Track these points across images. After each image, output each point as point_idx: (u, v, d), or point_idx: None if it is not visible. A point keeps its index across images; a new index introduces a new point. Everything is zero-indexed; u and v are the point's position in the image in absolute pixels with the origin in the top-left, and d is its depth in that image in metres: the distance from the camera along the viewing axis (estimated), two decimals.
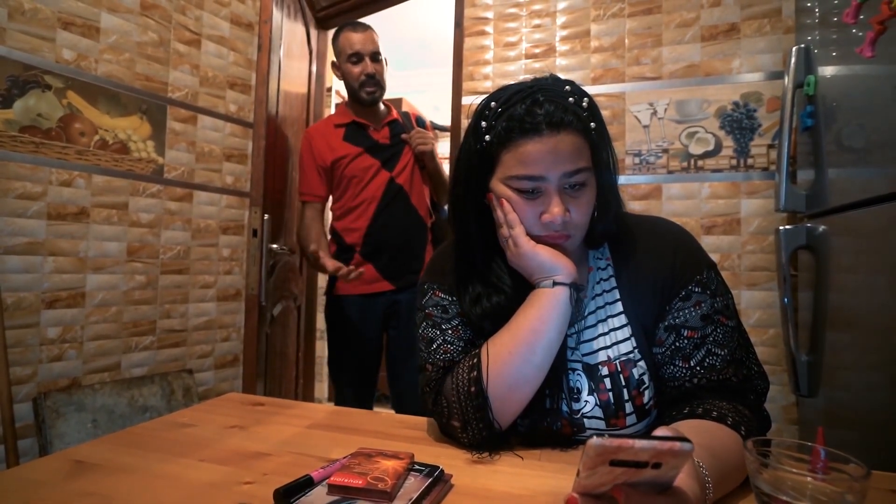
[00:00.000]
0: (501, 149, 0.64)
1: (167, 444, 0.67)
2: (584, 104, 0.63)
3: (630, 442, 0.35)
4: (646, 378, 0.67)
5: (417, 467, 0.55)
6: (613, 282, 0.71)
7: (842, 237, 1.10)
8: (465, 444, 0.67)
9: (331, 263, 1.49)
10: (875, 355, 0.96)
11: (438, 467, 0.55)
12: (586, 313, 0.71)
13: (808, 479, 0.40)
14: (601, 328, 0.70)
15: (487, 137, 0.65)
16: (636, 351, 0.67)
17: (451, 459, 0.62)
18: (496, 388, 0.64)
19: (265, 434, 0.72)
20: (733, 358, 0.64)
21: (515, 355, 0.64)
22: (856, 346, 1.04)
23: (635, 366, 0.67)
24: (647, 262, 0.69)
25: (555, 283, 0.65)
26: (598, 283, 0.72)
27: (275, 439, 0.70)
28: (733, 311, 0.67)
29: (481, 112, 0.66)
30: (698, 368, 0.63)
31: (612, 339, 0.69)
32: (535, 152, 0.61)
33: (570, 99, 0.62)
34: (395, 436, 0.72)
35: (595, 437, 0.35)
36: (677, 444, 0.35)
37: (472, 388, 0.65)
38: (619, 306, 0.70)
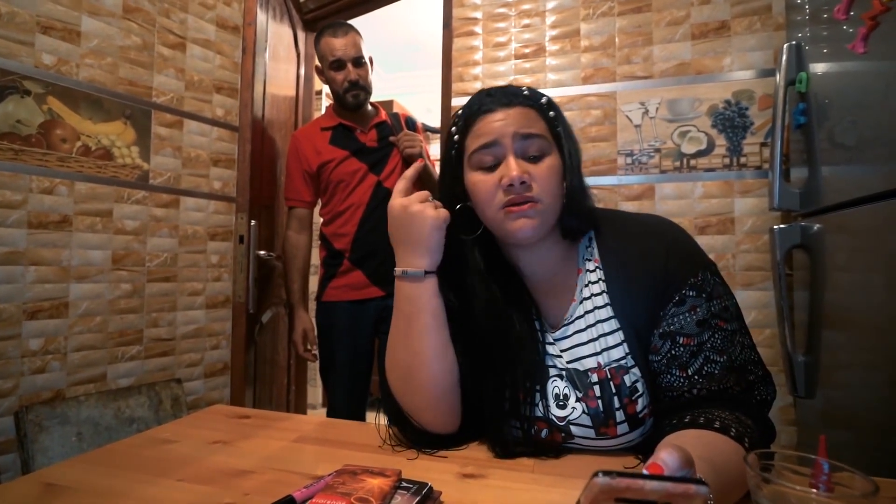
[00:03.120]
0: (464, 138, 0.70)
1: (145, 462, 0.64)
2: (542, 100, 0.70)
3: (640, 483, 0.32)
4: (639, 385, 0.64)
5: (405, 485, 0.53)
6: (603, 285, 0.68)
7: (837, 235, 1.09)
8: (414, 442, 0.70)
9: (301, 351, 1.72)
10: (872, 355, 0.95)
11: (427, 484, 0.53)
12: (573, 317, 0.69)
13: (813, 494, 0.38)
14: (590, 333, 0.67)
15: (456, 137, 0.71)
16: (629, 357, 0.65)
17: (440, 474, 0.60)
18: (391, 380, 0.72)
19: (249, 449, 0.69)
20: (733, 365, 0.61)
21: (393, 347, 0.71)
22: (853, 346, 1.03)
23: (627, 373, 0.64)
24: (639, 263, 0.66)
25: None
26: (586, 285, 0.70)
27: (259, 455, 0.67)
28: (733, 314, 0.64)
29: (452, 122, 0.73)
30: (696, 377, 0.61)
31: (602, 344, 0.66)
32: (488, 123, 0.67)
33: (525, 92, 0.70)
34: (383, 449, 0.70)
35: (601, 474, 0.33)
36: (692, 488, 0.32)
37: (385, 382, 0.72)
38: (609, 311, 0.67)
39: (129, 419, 1.58)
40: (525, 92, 0.70)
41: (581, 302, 0.69)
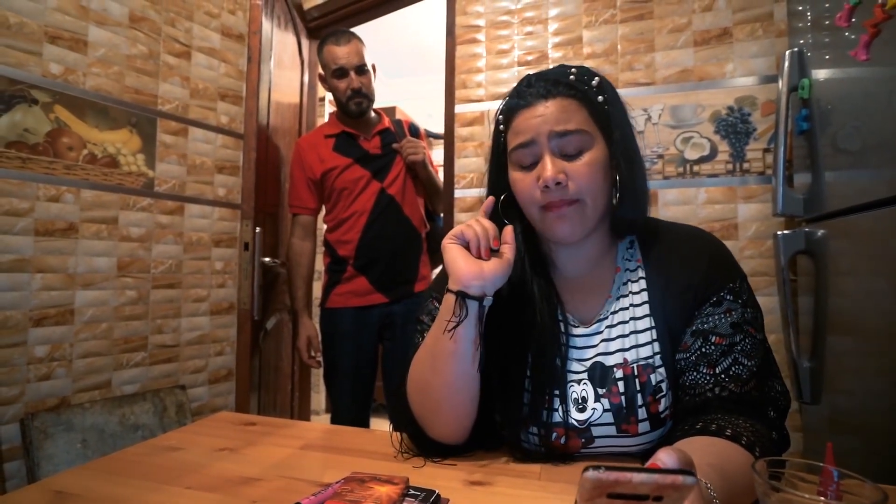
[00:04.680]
0: (507, 132, 0.69)
1: (153, 470, 0.65)
2: (592, 82, 0.66)
3: (628, 475, 0.32)
4: (664, 386, 0.64)
5: (412, 492, 0.53)
6: (643, 283, 0.69)
7: (841, 241, 1.09)
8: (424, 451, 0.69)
9: (306, 358, 1.73)
10: (878, 360, 0.94)
11: (434, 492, 0.53)
12: (608, 313, 0.69)
13: (821, 502, 0.39)
14: (622, 329, 0.68)
15: (501, 127, 0.70)
16: (657, 357, 0.65)
17: (447, 482, 0.60)
18: (410, 391, 0.69)
19: (256, 457, 0.70)
20: (759, 371, 0.62)
21: (420, 361, 0.69)
22: (858, 352, 1.02)
23: (654, 371, 0.65)
24: (680, 266, 0.67)
25: (447, 290, 0.65)
26: (624, 283, 0.70)
27: (266, 462, 0.67)
28: (762, 325, 0.65)
29: (498, 110, 0.72)
30: (723, 377, 0.61)
31: (633, 341, 0.67)
32: (525, 120, 0.65)
33: (571, 77, 0.66)
34: (390, 456, 0.70)
35: (591, 469, 0.33)
36: (679, 478, 0.33)
37: (402, 390, 0.71)
38: (647, 309, 0.67)
39: (133, 426, 1.58)
40: (571, 77, 0.66)
41: (617, 299, 0.70)
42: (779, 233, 1.26)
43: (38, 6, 1.47)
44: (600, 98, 0.66)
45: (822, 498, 0.39)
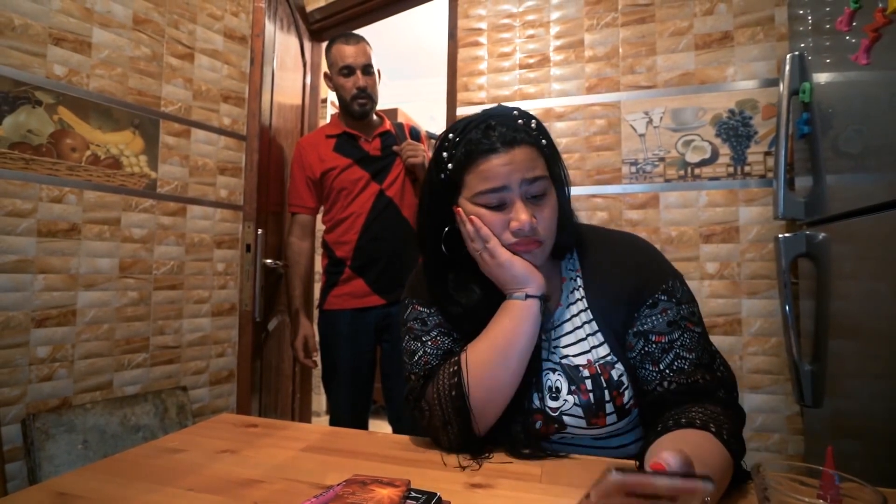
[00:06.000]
0: (464, 172, 0.71)
1: (155, 471, 0.65)
2: (532, 125, 0.72)
3: (651, 480, 0.35)
4: (624, 379, 0.70)
5: (414, 495, 0.53)
6: (583, 292, 0.76)
7: (842, 244, 1.09)
8: (445, 447, 0.72)
9: (302, 358, 1.72)
10: (880, 364, 0.94)
11: (436, 494, 0.53)
12: (562, 321, 0.75)
13: None
14: (578, 334, 0.74)
15: (450, 165, 0.71)
16: (612, 354, 0.71)
17: (449, 484, 0.60)
18: (476, 391, 0.69)
19: (257, 458, 0.70)
20: (701, 362, 0.67)
21: (492, 363, 0.69)
22: (860, 355, 1.02)
23: (613, 367, 0.71)
24: (615, 274, 0.74)
25: (527, 296, 0.70)
26: (571, 292, 0.77)
27: (267, 464, 0.68)
28: (699, 319, 0.71)
29: (441, 144, 0.74)
30: (668, 371, 0.67)
31: (590, 343, 0.73)
32: (495, 167, 0.68)
33: (520, 121, 0.71)
34: (391, 458, 0.70)
35: (615, 470, 0.35)
36: (700, 485, 0.35)
37: (453, 393, 0.70)
38: (589, 314, 0.74)
39: (134, 427, 1.59)
40: (520, 121, 0.71)
41: (567, 307, 0.76)
42: (780, 236, 1.26)
43: (42, 8, 1.48)
44: (544, 141, 0.72)
45: (823, 501, 0.40)
